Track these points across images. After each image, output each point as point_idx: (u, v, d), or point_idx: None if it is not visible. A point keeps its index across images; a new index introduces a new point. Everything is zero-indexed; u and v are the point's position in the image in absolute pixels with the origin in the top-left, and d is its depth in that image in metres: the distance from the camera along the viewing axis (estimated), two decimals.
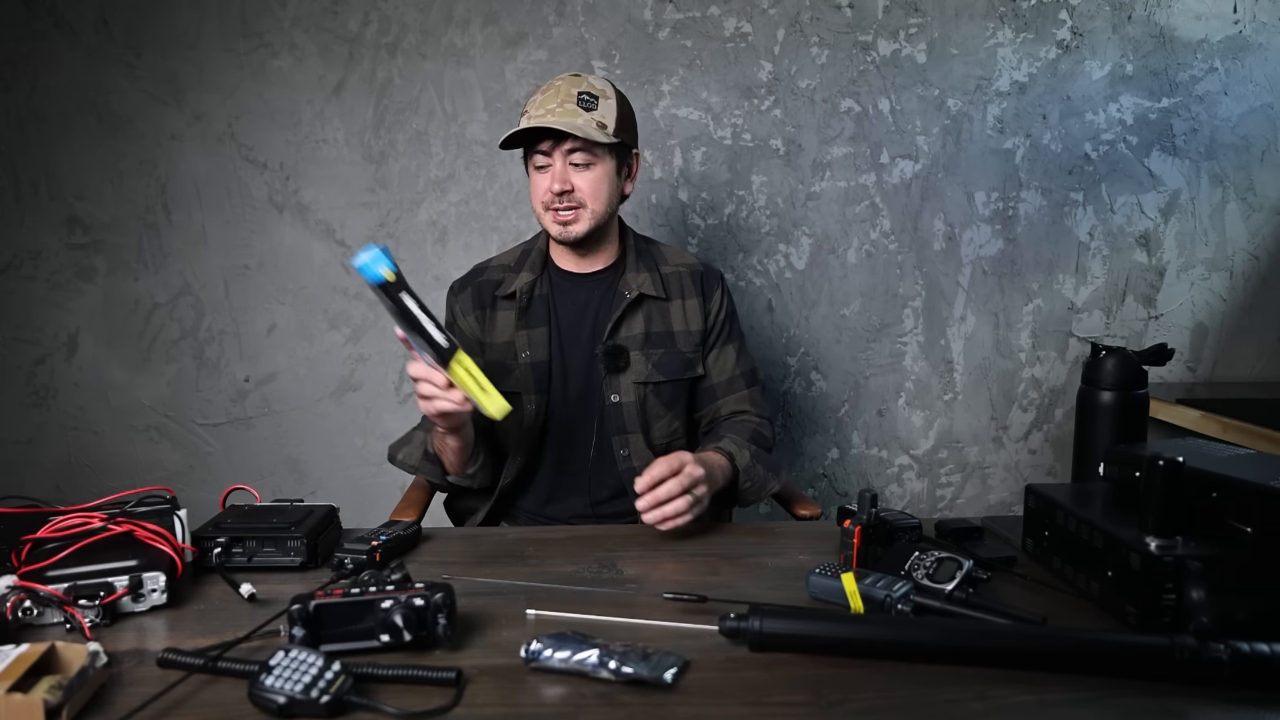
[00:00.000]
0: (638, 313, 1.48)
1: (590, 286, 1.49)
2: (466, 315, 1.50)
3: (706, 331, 1.51)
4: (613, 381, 1.46)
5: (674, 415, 1.50)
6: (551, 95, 1.39)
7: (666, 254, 1.56)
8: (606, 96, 1.41)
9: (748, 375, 1.54)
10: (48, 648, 0.75)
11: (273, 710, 0.72)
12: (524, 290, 1.46)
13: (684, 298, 1.51)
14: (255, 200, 2.11)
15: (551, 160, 1.38)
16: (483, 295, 1.50)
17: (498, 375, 1.44)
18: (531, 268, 1.49)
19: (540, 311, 1.48)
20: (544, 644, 0.80)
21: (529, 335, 1.46)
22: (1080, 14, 2.13)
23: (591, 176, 1.39)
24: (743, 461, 1.36)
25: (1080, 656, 0.78)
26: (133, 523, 0.98)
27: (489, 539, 1.22)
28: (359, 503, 2.15)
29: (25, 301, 2.12)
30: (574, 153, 1.37)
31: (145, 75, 2.06)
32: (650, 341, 1.47)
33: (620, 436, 1.47)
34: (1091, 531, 0.95)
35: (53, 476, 2.16)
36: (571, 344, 1.48)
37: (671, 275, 1.52)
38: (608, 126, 1.38)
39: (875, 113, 2.14)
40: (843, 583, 0.93)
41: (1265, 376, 2.29)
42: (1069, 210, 2.20)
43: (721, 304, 1.53)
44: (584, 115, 1.36)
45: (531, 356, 1.46)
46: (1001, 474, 2.31)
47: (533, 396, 1.46)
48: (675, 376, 1.49)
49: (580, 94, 1.38)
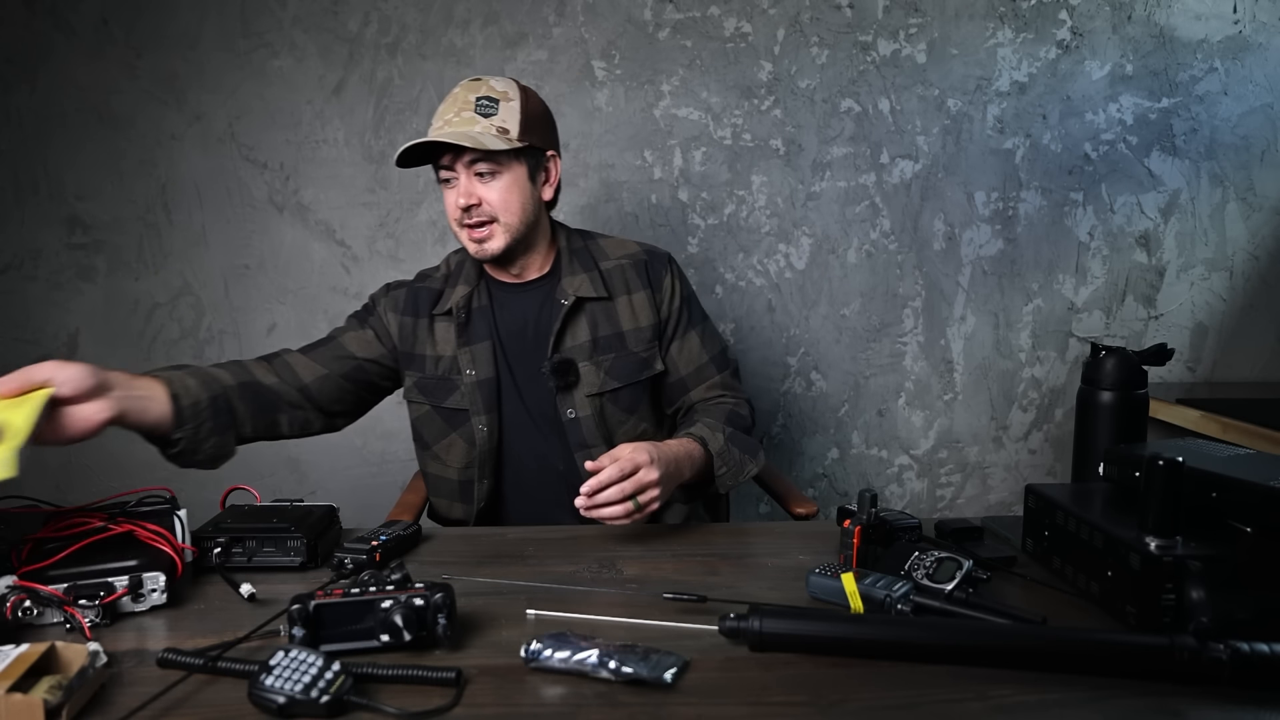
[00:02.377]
0: (580, 318, 1.38)
1: (528, 297, 1.41)
2: (391, 313, 1.41)
3: (661, 324, 1.42)
4: (566, 398, 1.37)
5: (638, 418, 1.42)
6: (449, 104, 1.31)
7: (606, 247, 1.45)
8: (508, 99, 1.31)
9: (718, 359, 1.45)
10: (48, 648, 0.75)
11: (273, 710, 0.72)
12: (460, 306, 1.38)
13: (630, 292, 1.41)
14: (255, 200, 2.12)
15: (456, 174, 1.30)
16: (419, 303, 1.41)
17: (441, 391, 1.40)
18: (467, 279, 1.40)
19: (481, 326, 1.39)
20: (544, 644, 0.80)
21: (472, 352, 1.38)
22: (1080, 14, 2.13)
23: (499, 186, 1.30)
24: (716, 446, 1.29)
25: (1080, 656, 0.78)
26: (133, 523, 0.98)
27: (489, 539, 1.22)
28: (359, 503, 2.14)
29: (25, 301, 2.12)
30: (476, 163, 1.29)
31: (145, 75, 2.06)
32: (599, 347, 1.38)
33: (583, 452, 1.37)
34: (1091, 531, 0.95)
35: (53, 476, 2.16)
36: (518, 359, 1.39)
37: (613, 270, 1.42)
38: (509, 131, 1.29)
39: (875, 113, 2.14)
40: (842, 583, 0.93)
41: (1265, 376, 2.29)
42: (1069, 210, 2.21)
43: (674, 289, 1.43)
44: (482, 122, 1.28)
45: (477, 374, 1.37)
46: (1001, 474, 2.31)
47: (482, 416, 1.37)
48: (631, 380, 1.40)
49: (478, 99, 1.30)
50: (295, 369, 1.34)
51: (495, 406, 1.38)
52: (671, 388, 1.45)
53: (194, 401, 1.16)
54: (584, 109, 2.11)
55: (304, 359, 1.36)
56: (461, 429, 1.39)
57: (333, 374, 1.36)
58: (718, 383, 1.44)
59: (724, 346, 1.49)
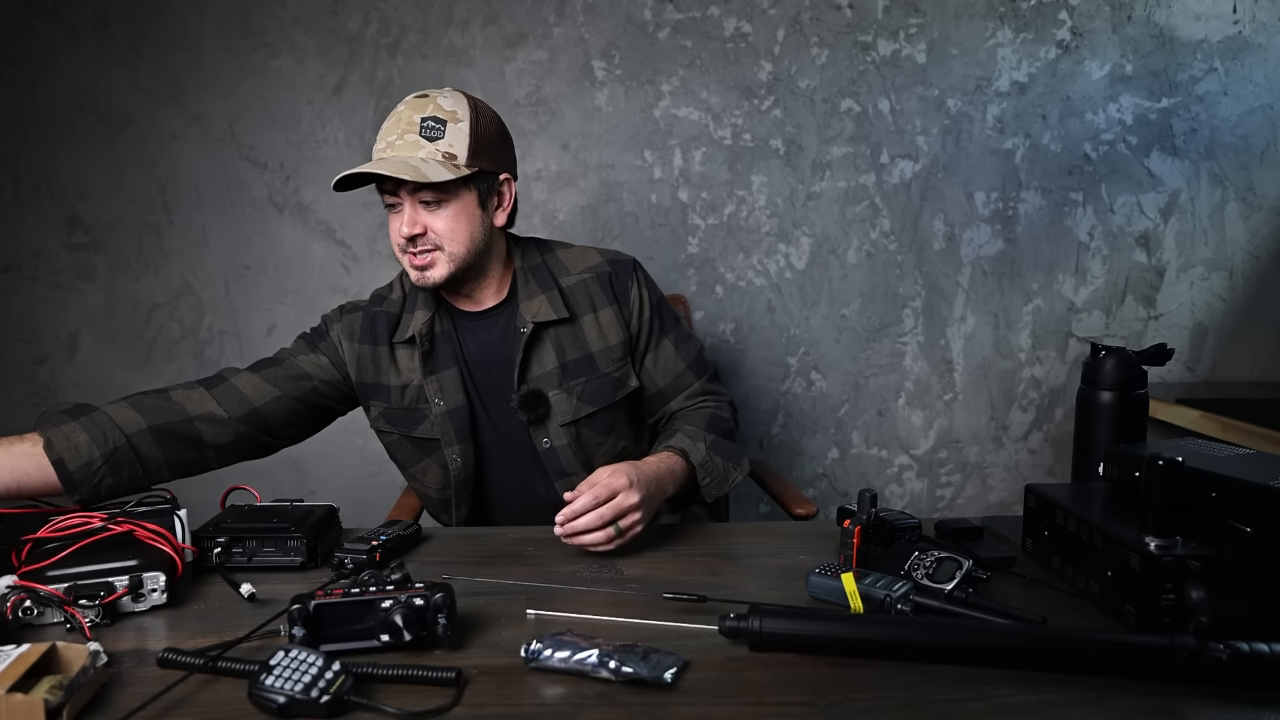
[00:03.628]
0: (545, 344, 1.32)
1: (489, 324, 1.34)
2: (346, 340, 1.33)
3: (632, 339, 1.36)
4: (540, 429, 1.32)
5: (616, 437, 1.37)
6: (393, 123, 1.22)
7: (566, 260, 1.37)
8: (457, 120, 1.22)
9: (695, 365, 1.39)
10: (48, 648, 0.75)
11: (273, 710, 0.72)
12: (423, 334, 1.30)
13: (595, 309, 1.34)
14: (255, 200, 2.12)
15: (400, 200, 1.22)
16: (376, 330, 1.33)
17: (410, 421, 1.33)
18: (425, 304, 1.33)
19: (446, 352, 1.32)
20: (544, 644, 0.80)
21: (438, 381, 1.31)
22: (1080, 14, 2.13)
23: (446, 215, 1.22)
24: (698, 457, 1.24)
25: (1080, 656, 0.78)
26: (133, 523, 0.98)
27: (489, 539, 1.22)
28: (359, 503, 2.14)
29: (26, 301, 2.12)
30: (420, 190, 1.20)
31: (145, 75, 2.06)
32: (568, 372, 1.32)
33: (563, 480, 1.32)
34: (1091, 531, 0.95)
35: None
36: (489, 387, 1.33)
37: (576, 287, 1.34)
38: (457, 157, 1.20)
39: (875, 113, 2.14)
40: (842, 583, 0.93)
41: (1265, 376, 2.29)
42: (1069, 210, 2.21)
43: (642, 301, 1.36)
44: (427, 146, 1.19)
45: (446, 404, 1.31)
46: (1001, 474, 2.31)
47: (455, 447, 1.32)
48: (605, 403, 1.34)
49: (424, 120, 1.20)
50: (244, 392, 1.26)
51: (469, 435, 1.33)
52: (650, 400, 1.40)
53: (84, 463, 1.11)
54: (584, 109, 2.11)
55: (255, 379, 1.27)
56: (434, 456, 1.35)
57: (286, 395, 1.28)
58: (697, 389, 1.40)
59: (699, 349, 1.43)
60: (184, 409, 1.21)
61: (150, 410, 1.19)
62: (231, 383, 1.26)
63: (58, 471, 1.10)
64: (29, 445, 1.11)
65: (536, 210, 2.12)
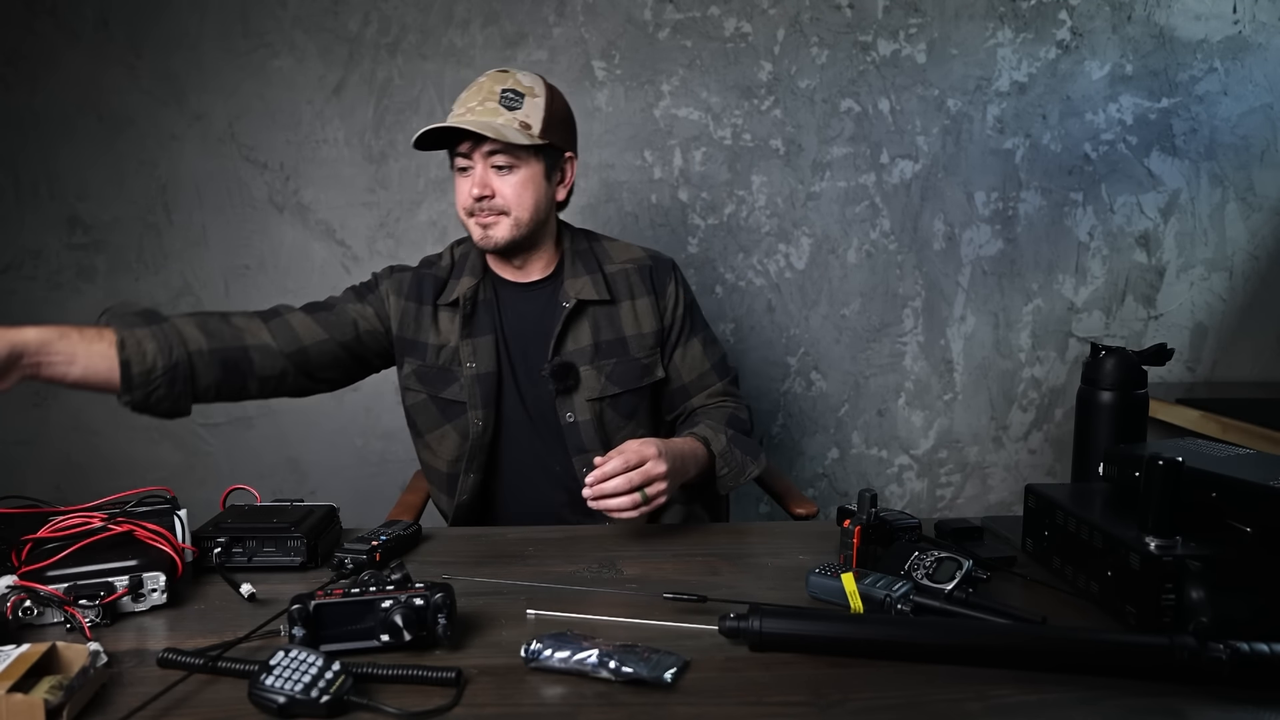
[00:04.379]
0: (583, 322, 1.38)
1: (532, 297, 1.40)
2: (394, 295, 1.39)
3: (664, 331, 1.42)
4: (565, 401, 1.37)
5: (635, 423, 1.41)
6: (474, 93, 1.30)
7: (611, 250, 1.45)
8: (534, 94, 1.31)
9: (719, 367, 1.46)
10: (48, 648, 0.75)
11: (273, 710, 0.72)
12: (467, 297, 1.37)
13: (633, 298, 1.41)
14: (255, 200, 2.12)
15: (472, 163, 1.30)
16: (423, 290, 1.39)
17: (440, 381, 1.38)
18: (473, 271, 1.39)
19: (485, 319, 1.38)
20: (544, 644, 0.80)
21: (474, 345, 1.37)
22: (1080, 14, 2.13)
23: (514, 180, 1.30)
24: (719, 446, 1.30)
25: (1080, 656, 0.78)
26: (133, 523, 0.98)
27: (489, 539, 1.22)
28: (359, 503, 2.14)
29: (25, 301, 2.12)
30: (494, 155, 1.28)
31: (145, 75, 2.06)
32: (600, 352, 1.38)
33: (580, 456, 1.37)
34: (1091, 531, 0.95)
35: (53, 476, 2.16)
36: (520, 357, 1.39)
37: (618, 274, 1.42)
38: (532, 127, 1.29)
39: (875, 113, 2.14)
40: (842, 583, 0.93)
41: (1265, 376, 2.29)
42: (1069, 210, 2.21)
43: (678, 297, 1.43)
44: (505, 115, 1.27)
45: (478, 368, 1.36)
46: (1001, 474, 2.31)
47: (479, 411, 1.36)
48: (632, 386, 1.39)
49: (504, 91, 1.29)
50: (295, 330, 1.30)
51: (494, 402, 1.37)
52: (673, 395, 1.45)
53: (146, 370, 1.14)
54: (584, 109, 2.11)
55: (307, 319, 1.32)
56: (456, 421, 1.38)
57: (332, 340, 1.33)
58: (718, 390, 1.45)
59: (724, 354, 1.49)
60: (242, 336, 1.26)
61: (213, 333, 1.23)
62: (285, 318, 1.31)
63: (121, 373, 1.12)
64: (105, 346, 1.12)
65: None
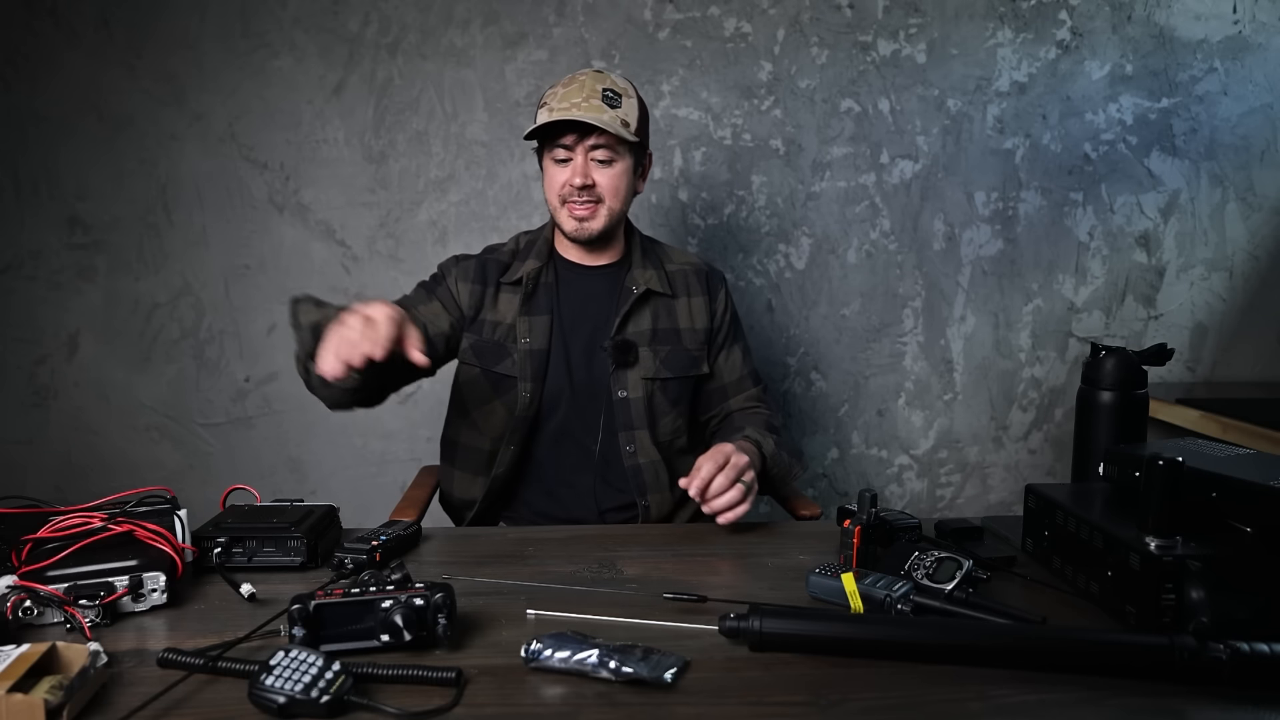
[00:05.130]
0: (645, 309, 1.48)
1: (595, 280, 1.49)
2: (461, 282, 1.48)
3: (713, 331, 1.53)
4: (621, 377, 1.45)
5: (678, 413, 1.50)
6: (576, 89, 1.38)
7: (670, 253, 1.57)
8: (629, 95, 1.42)
9: (753, 375, 1.57)
10: (48, 648, 0.75)
11: (273, 710, 0.72)
12: (530, 276, 1.46)
13: (690, 295, 1.52)
14: (255, 200, 2.12)
15: (573, 154, 1.38)
16: (487, 272, 1.48)
17: (495, 356, 1.45)
18: (538, 255, 1.48)
19: (544, 300, 1.47)
20: (544, 644, 0.80)
21: (530, 322, 1.45)
22: (1080, 14, 2.13)
23: (612, 173, 1.40)
24: (769, 449, 1.38)
25: (1080, 656, 0.78)
26: (133, 523, 0.98)
27: (489, 539, 1.22)
28: (359, 503, 2.15)
29: (25, 301, 2.12)
30: (597, 149, 1.38)
31: (145, 75, 2.06)
32: (657, 338, 1.48)
33: (627, 432, 1.46)
34: (1091, 531, 0.95)
35: (53, 476, 2.16)
36: (573, 336, 1.47)
37: (677, 273, 1.53)
38: (630, 125, 1.39)
39: (875, 113, 2.14)
40: (842, 583, 0.93)
41: (1265, 376, 2.29)
42: (1069, 210, 2.21)
43: (727, 304, 1.55)
44: (610, 112, 1.37)
45: (531, 344, 1.44)
46: (1001, 474, 2.31)
47: (528, 384, 1.44)
48: (682, 373, 1.49)
49: (605, 90, 1.39)
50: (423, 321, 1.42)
51: (541, 376, 1.44)
52: (712, 394, 1.54)
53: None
54: None
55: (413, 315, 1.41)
56: (505, 396, 1.45)
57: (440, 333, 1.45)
58: (753, 395, 1.55)
59: (756, 367, 1.60)
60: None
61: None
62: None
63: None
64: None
65: (537, 210, 2.12)
